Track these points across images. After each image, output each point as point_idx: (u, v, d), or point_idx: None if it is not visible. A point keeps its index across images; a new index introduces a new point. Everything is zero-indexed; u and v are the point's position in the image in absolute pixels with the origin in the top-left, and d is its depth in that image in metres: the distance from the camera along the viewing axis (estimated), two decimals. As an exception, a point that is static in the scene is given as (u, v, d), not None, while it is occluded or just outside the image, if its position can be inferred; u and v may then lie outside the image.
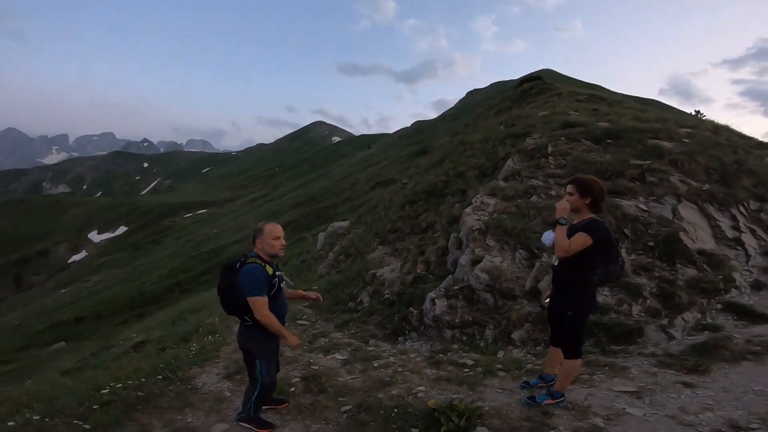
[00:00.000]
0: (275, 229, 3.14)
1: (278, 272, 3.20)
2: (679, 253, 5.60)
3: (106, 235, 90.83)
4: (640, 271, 5.43)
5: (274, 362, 3.30)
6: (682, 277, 5.30)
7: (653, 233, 5.97)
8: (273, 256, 3.16)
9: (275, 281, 3.11)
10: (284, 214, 48.39)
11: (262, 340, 3.16)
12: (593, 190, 3.13)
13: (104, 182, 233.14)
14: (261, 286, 3.00)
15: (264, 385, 3.22)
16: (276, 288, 3.12)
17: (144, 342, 8.81)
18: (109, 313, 33.44)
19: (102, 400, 3.72)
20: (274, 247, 3.11)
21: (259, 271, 3.02)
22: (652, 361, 4.07)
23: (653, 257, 5.64)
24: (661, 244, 5.74)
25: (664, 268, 5.45)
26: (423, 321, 5.89)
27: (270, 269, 3.08)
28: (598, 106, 13.62)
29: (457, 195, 9.91)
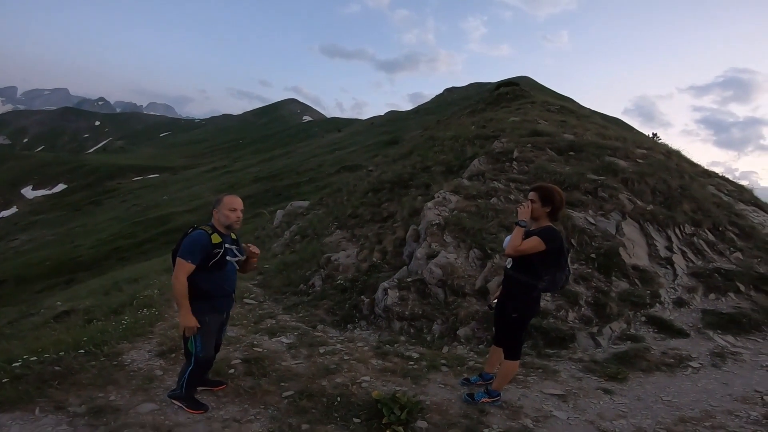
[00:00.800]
0: (233, 201, 3.09)
1: (229, 245, 3.10)
2: (616, 266, 5.97)
3: (42, 191, 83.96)
4: (580, 280, 5.74)
5: (212, 338, 3.15)
6: (615, 289, 5.67)
7: (596, 246, 6.31)
8: (228, 227, 3.10)
9: (218, 251, 3.00)
10: (243, 188, 46.80)
11: (200, 311, 3.02)
12: (554, 200, 3.22)
13: (49, 137, 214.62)
14: (194, 254, 2.94)
15: (198, 360, 3.09)
16: (218, 258, 3.01)
17: (69, 312, 8.19)
18: (34, 277, 30.93)
19: (13, 374, 3.44)
20: (229, 218, 3.06)
21: (201, 238, 2.97)
22: (579, 366, 4.31)
23: (593, 268, 5.97)
24: (601, 257, 6.09)
25: (601, 280, 5.80)
26: (374, 310, 5.90)
27: (217, 238, 3.01)
28: (567, 118, 14.12)
29: (421, 188, 9.98)
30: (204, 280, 3.01)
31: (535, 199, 3.24)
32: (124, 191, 71.13)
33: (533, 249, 3.10)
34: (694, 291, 5.85)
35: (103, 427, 2.87)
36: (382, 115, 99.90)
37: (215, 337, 3.21)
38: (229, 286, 3.17)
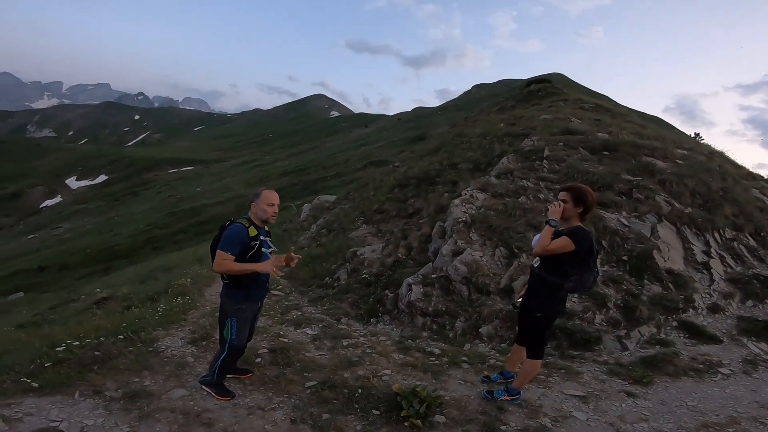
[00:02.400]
0: (271, 196, 3.21)
1: (264, 237, 3.22)
2: (649, 269, 5.79)
3: (85, 182, 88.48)
4: (609, 282, 5.60)
5: (246, 326, 3.28)
6: (647, 293, 5.50)
7: (628, 248, 6.12)
8: (264, 221, 3.22)
9: (255, 244, 3.13)
10: (271, 181, 47.79)
11: (236, 299, 3.18)
12: (587, 201, 3.16)
13: (91, 131, 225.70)
14: (233, 246, 3.06)
15: (232, 348, 3.22)
16: (255, 250, 3.13)
17: (108, 298, 8.62)
18: (75, 264, 32.54)
19: (56, 358, 3.58)
20: (266, 212, 3.17)
21: (240, 231, 3.09)
22: (604, 369, 4.24)
23: (624, 271, 5.81)
24: (633, 259, 5.92)
25: (632, 283, 5.64)
26: (397, 305, 5.94)
27: (253, 231, 3.13)
28: (601, 116, 13.67)
29: (447, 185, 9.94)
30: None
31: (567, 199, 3.17)
32: (160, 183, 74.01)
33: (562, 249, 3.05)
34: (730, 297, 5.61)
35: (137, 412, 3.00)
36: (409, 111, 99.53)
37: (249, 326, 3.33)
38: (264, 276, 3.27)
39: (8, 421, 2.72)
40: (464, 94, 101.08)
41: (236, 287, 3.17)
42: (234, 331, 3.20)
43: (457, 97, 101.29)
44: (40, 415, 2.85)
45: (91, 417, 2.89)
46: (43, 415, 2.85)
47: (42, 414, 2.88)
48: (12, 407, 2.89)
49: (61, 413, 2.90)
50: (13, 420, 2.74)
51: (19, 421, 2.75)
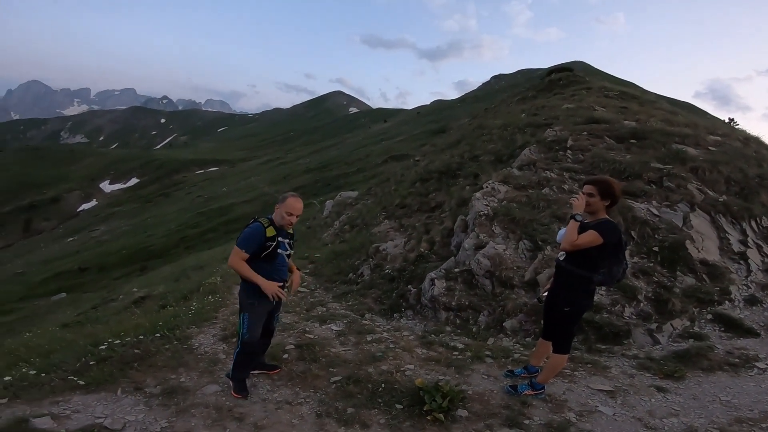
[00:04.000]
0: (293, 206, 3.21)
1: (282, 238, 3.27)
2: (682, 260, 5.59)
3: (118, 185, 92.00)
4: (640, 274, 5.44)
5: (259, 322, 3.31)
6: (679, 285, 5.32)
7: (660, 239, 5.93)
8: (281, 227, 3.26)
9: (271, 244, 3.18)
10: (295, 178, 48.47)
11: (250, 294, 3.24)
12: (614, 193, 3.11)
13: (121, 135, 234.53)
14: (248, 244, 3.14)
15: (244, 342, 3.27)
16: (270, 250, 3.18)
17: (145, 297, 8.98)
18: (113, 265, 33.88)
19: (99, 356, 3.75)
20: (283, 219, 3.21)
21: (257, 230, 3.16)
22: (633, 363, 4.16)
23: (655, 262, 5.63)
24: (665, 250, 5.72)
25: (664, 274, 5.46)
26: (420, 300, 5.97)
27: (271, 231, 3.19)
28: (628, 104, 13.20)
29: (469, 178, 9.85)
30: (256, 268, 3.18)
31: (593, 192, 3.12)
32: (189, 184, 76.21)
33: (590, 243, 3.01)
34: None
35: (174, 407, 3.13)
36: (428, 104, 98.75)
37: (262, 322, 3.36)
38: (278, 276, 3.29)
39: (57, 419, 2.86)
40: (483, 85, 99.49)
41: (250, 283, 3.22)
42: (245, 325, 3.25)
43: (476, 88, 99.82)
44: (86, 412, 3.00)
45: (132, 413, 3.04)
46: (89, 412, 3.00)
47: (88, 411, 3.02)
48: (60, 405, 3.05)
49: (105, 410, 3.05)
50: (61, 417, 2.89)
51: (67, 418, 2.90)
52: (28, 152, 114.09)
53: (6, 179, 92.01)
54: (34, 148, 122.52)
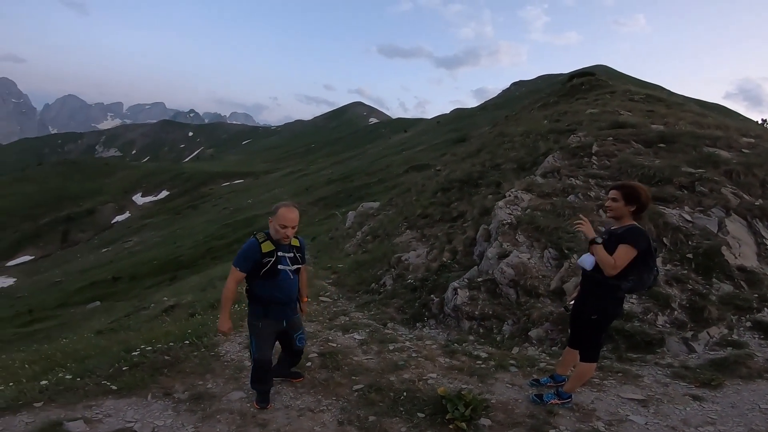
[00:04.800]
0: (286, 218, 2.96)
1: (285, 253, 3.07)
2: (718, 267, 5.37)
3: (150, 198, 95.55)
4: (673, 282, 5.26)
5: (266, 342, 3.18)
6: (716, 292, 5.11)
7: (693, 245, 5.71)
8: (278, 241, 3.04)
9: (268, 260, 2.98)
10: (317, 189, 49.14)
11: (255, 314, 3.14)
12: (639, 198, 3.02)
13: (152, 148, 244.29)
14: (243, 261, 2.99)
15: (254, 361, 3.20)
16: (268, 267, 2.99)
17: (175, 306, 9.24)
18: (144, 274, 35.12)
19: (131, 362, 3.87)
20: (278, 233, 2.99)
21: (252, 246, 2.99)
22: (667, 372, 4.01)
23: (689, 269, 5.43)
24: (699, 257, 5.51)
25: (699, 282, 5.26)
26: (443, 309, 5.93)
27: (268, 246, 2.99)
28: (654, 107, 12.85)
29: (491, 187, 9.77)
30: (257, 286, 3.06)
31: (617, 197, 3.06)
32: (216, 196, 78.41)
33: (629, 259, 2.92)
34: (812, 295, 5.07)
35: (200, 413, 3.20)
36: (448, 113, 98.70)
37: (271, 342, 3.24)
38: (282, 294, 3.09)
39: (89, 422, 2.95)
40: (503, 92, 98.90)
41: (254, 303, 3.11)
42: (253, 347, 3.17)
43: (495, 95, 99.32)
44: (117, 416, 3.09)
45: (161, 418, 3.11)
46: (120, 417, 3.09)
47: (119, 415, 3.11)
48: (93, 409, 3.16)
49: (135, 414, 3.14)
50: (93, 421, 2.99)
51: (99, 422, 3.00)
52: (66, 165, 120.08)
53: (45, 192, 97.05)
54: (71, 162, 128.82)
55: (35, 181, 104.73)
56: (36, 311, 30.15)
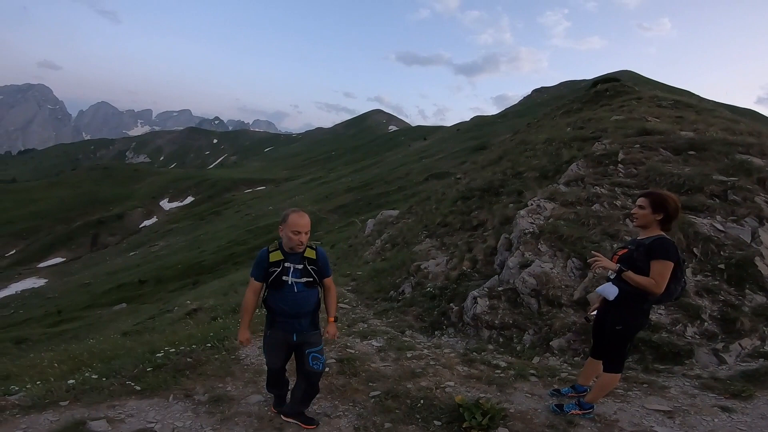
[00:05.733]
0: (297, 223, 2.83)
1: (295, 264, 2.92)
2: (751, 278, 5.17)
3: (176, 203, 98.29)
4: (704, 293, 5.08)
5: (274, 352, 3.09)
6: (749, 303, 4.92)
7: (725, 255, 5.51)
8: (291, 249, 2.91)
9: (274, 270, 2.89)
10: (337, 197, 49.57)
11: (265, 322, 3.11)
12: (668, 207, 2.94)
13: (179, 155, 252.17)
14: (255, 270, 2.97)
15: (268, 370, 3.24)
16: (274, 277, 2.90)
17: (197, 310, 9.43)
18: (169, 278, 35.99)
19: (155, 363, 3.95)
20: (291, 241, 2.85)
21: (261, 255, 2.96)
22: (695, 384, 3.87)
23: (721, 280, 5.25)
24: (732, 268, 5.32)
25: (731, 293, 5.07)
26: (462, 318, 5.87)
27: (277, 256, 2.91)
28: (683, 113, 12.48)
29: (512, 195, 9.65)
30: (268, 296, 3.02)
31: (645, 205, 2.98)
32: (238, 202, 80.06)
33: (669, 273, 2.82)
34: None
35: (219, 415, 3.23)
36: (468, 120, 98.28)
37: (280, 353, 3.10)
38: (288, 307, 2.94)
39: (112, 422, 3.01)
40: (524, 99, 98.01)
41: (267, 312, 3.07)
42: (265, 356, 3.19)
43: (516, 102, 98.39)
44: (139, 417, 3.14)
45: (181, 419, 3.15)
46: (141, 417, 3.14)
47: (141, 416, 3.16)
48: (116, 408, 3.23)
49: (156, 415, 3.19)
50: (116, 421, 3.05)
51: (121, 422, 3.05)
52: (98, 171, 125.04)
53: (78, 196, 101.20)
54: (103, 167, 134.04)
55: (69, 185, 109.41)
56: (65, 312, 31.24)
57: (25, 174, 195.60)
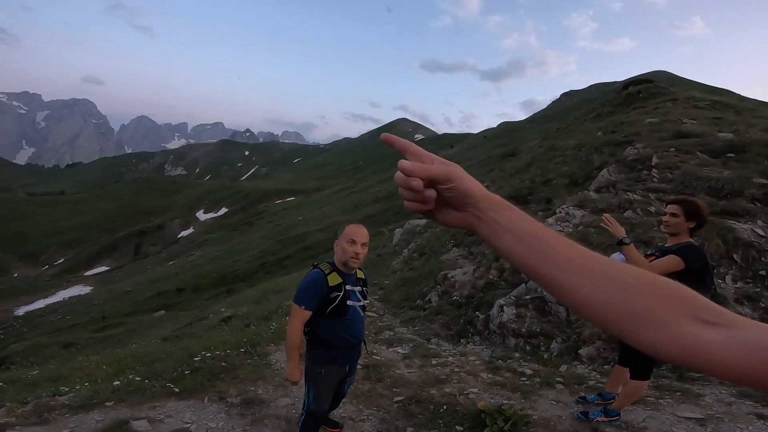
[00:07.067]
0: (353, 231, 2.50)
1: (352, 286, 2.55)
2: (795, 285, 4.88)
3: (211, 214, 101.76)
4: (744, 300, 4.89)
5: (327, 392, 2.64)
6: (793, 311, 4.64)
7: (767, 261, 5.23)
8: (344, 264, 2.52)
9: (336, 295, 2.48)
10: (365, 207, 49.89)
11: (317, 360, 2.60)
12: (702, 215, 2.87)
13: (213, 167, 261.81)
14: (306, 297, 2.48)
15: (309, 412, 2.64)
16: (337, 303, 2.48)
17: (232, 317, 9.77)
18: (205, 286, 37.13)
19: (193, 367, 4.16)
20: (345, 252, 2.48)
21: (317, 279, 2.48)
22: (732, 392, 3.74)
23: (762, 287, 5.02)
24: (774, 274, 5.03)
25: (774, 300, 4.80)
26: (488, 326, 5.83)
27: (335, 279, 2.50)
28: (722, 114, 11.96)
29: (541, 203, 9.51)
30: (322, 327, 2.55)
31: (677, 212, 2.91)
32: (270, 213, 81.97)
33: (668, 269, 2.77)
34: None
35: (250, 417, 3.38)
36: (495, 127, 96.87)
37: (331, 392, 2.69)
38: (351, 335, 2.58)
39: (152, 422, 3.20)
40: (552, 103, 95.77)
41: (317, 346, 2.59)
42: (311, 397, 2.61)
43: (545, 107, 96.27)
44: (177, 417, 3.32)
45: (214, 420, 3.31)
46: (179, 417, 3.32)
47: (178, 416, 3.34)
48: (157, 409, 3.42)
49: (192, 416, 3.36)
50: (156, 421, 3.24)
51: (160, 422, 3.24)
52: (140, 183, 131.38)
53: (121, 207, 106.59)
54: (144, 180, 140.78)
55: (113, 197, 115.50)
56: (109, 318, 32.79)
57: (73, 186, 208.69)
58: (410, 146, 0.61)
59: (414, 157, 0.60)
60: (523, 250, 0.55)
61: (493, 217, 0.57)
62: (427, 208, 0.59)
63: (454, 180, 0.57)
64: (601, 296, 0.50)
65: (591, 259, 0.53)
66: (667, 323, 0.47)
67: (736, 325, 0.46)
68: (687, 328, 0.47)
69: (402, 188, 0.58)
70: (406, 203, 0.59)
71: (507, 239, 0.56)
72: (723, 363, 0.45)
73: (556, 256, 0.53)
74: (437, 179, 0.57)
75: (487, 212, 0.58)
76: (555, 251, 0.53)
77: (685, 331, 0.47)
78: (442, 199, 0.59)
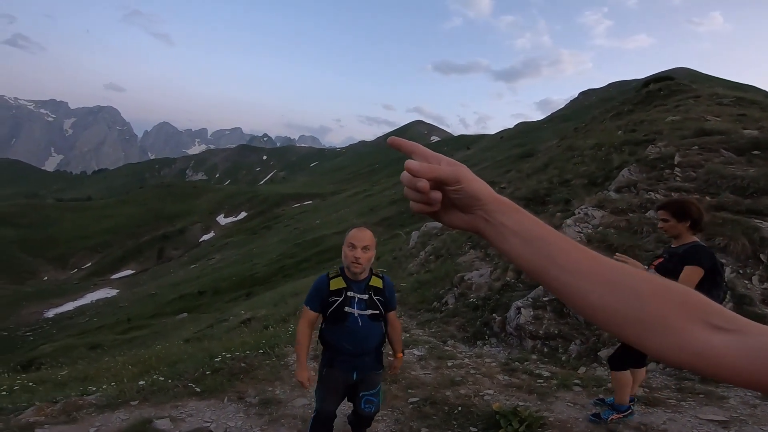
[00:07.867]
0: (353, 236, 2.47)
1: (358, 293, 2.50)
2: (824, 286, 4.69)
3: (231, 218, 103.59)
4: (771, 302, 4.68)
5: (331, 394, 2.62)
6: (823, 314, 4.46)
7: (796, 262, 5.05)
8: (348, 269, 2.48)
9: (335, 300, 2.47)
10: (381, 210, 49.96)
11: (322, 361, 2.65)
12: (691, 213, 2.86)
13: (232, 172, 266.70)
14: (311, 298, 2.53)
15: (316, 412, 2.68)
16: (334, 308, 2.47)
17: (251, 319, 9.94)
18: (225, 289, 37.81)
19: (213, 367, 4.27)
20: (346, 257, 2.44)
21: (321, 282, 2.53)
22: (757, 394, 3.62)
23: (790, 289, 4.80)
24: (803, 275, 4.86)
25: (803, 302, 4.63)
26: (505, 328, 5.78)
27: (338, 283, 2.49)
28: (747, 110, 11.58)
29: (559, 204, 9.38)
30: (326, 330, 2.58)
31: (667, 217, 2.91)
32: (287, 217, 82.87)
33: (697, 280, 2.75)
34: None
35: (267, 416, 3.45)
36: (511, 127, 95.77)
37: (337, 395, 2.65)
38: (350, 344, 2.51)
39: (174, 421, 3.31)
40: (570, 102, 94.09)
41: (324, 348, 2.63)
42: (317, 397, 2.66)
43: (562, 106, 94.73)
44: (197, 416, 3.42)
45: (233, 419, 3.40)
46: (199, 417, 3.42)
47: (199, 416, 3.44)
48: (179, 409, 3.53)
49: (212, 415, 3.45)
50: (177, 420, 3.34)
51: (182, 421, 3.34)
52: (163, 189, 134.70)
53: (145, 212, 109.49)
54: (167, 185, 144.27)
55: (137, 203, 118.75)
56: (134, 320, 33.73)
57: (99, 192, 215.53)
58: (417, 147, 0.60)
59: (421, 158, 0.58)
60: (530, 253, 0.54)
61: (500, 220, 0.56)
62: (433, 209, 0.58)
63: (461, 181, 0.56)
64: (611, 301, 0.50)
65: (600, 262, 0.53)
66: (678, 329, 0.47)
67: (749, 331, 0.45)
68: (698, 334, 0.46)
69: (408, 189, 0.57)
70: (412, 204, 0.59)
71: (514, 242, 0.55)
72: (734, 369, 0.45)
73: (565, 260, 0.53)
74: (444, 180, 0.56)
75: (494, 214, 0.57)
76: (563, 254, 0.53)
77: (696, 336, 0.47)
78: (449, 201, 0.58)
